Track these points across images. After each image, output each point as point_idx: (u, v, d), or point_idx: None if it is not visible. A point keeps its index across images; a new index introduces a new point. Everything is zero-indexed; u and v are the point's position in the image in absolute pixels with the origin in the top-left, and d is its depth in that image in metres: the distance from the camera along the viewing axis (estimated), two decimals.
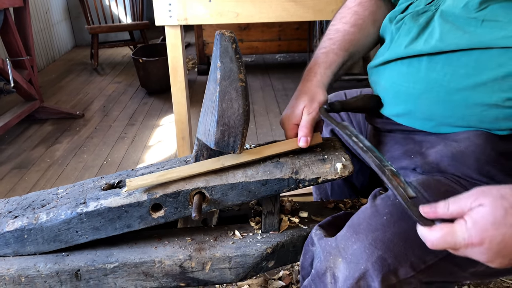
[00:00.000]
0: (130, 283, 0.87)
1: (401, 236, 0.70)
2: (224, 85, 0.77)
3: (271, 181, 0.84)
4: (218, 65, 0.77)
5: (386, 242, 0.70)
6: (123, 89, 4.12)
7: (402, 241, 0.69)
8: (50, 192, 0.93)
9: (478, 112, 0.74)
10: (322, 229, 0.82)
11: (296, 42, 4.38)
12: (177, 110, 1.68)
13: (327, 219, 0.87)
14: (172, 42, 1.56)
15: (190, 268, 0.87)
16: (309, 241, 0.85)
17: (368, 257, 0.69)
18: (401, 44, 0.84)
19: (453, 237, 0.57)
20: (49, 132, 3.17)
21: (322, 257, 0.75)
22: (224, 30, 0.77)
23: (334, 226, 0.86)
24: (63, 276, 0.85)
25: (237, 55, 0.77)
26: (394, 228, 0.71)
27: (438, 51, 0.76)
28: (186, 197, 0.83)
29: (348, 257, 0.71)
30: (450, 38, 0.75)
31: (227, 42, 0.77)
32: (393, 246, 0.69)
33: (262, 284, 1.63)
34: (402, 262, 0.68)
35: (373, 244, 0.70)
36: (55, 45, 5.22)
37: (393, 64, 0.86)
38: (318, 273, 0.76)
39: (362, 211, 0.77)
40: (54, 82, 4.36)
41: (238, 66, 0.77)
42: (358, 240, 0.71)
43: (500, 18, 0.70)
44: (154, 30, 5.65)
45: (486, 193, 0.57)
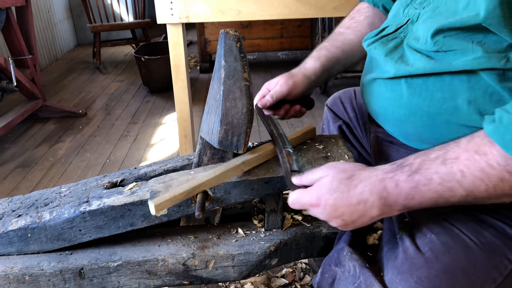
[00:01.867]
0: (133, 281, 0.87)
1: (447, 272, 0.66)
2: (228, 84, 0.77)
3: (274, 179, 0.84)
4: (222, 64, 0.77)
5: (432, 279, 0.66)
6: (125, 88, 4.12)
7: (448, 277, 0.66)
8: (53, 191, 0.93)
9: (464, 133, 0.75)
10: (355, 251, 0.79)
11: (298, 40, 4.37)
12: (179, 108, 1.68)
13: (349, 235, 0.84)
14: (174, 40, 1.56)
15: (193, 266, 0.87)
16: (332, 261, 0.82)
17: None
18: (376, 67, 0.88)
19: (303, 198, 0.72)
20: (52, 130, 3.17)
21: (363, 285, 0.72)
22: (228, 29, 0.77)
23: (357, 241, 0.84)
24: (67, 275, 0.85)
25: (241, 54, 0.77)
26: (438, 264, 0.67)
27: (409, 75, 0.79)
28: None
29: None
30: (419, 63, 0.77)
31: (231, 41, 0.77)
32: (439, 282, 0.65)
33: (265, 282, 1.63)
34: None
35: (418, 282, 0.66)
36: (58, 44, 5.23)
37: (376, 84, 0.88)
38: None
39: (402, 250, 0.74)
40: (57, 81, 4.36)
41: (243, 65, 0.77)
42: (402, 280, 0.68)
43: (454, 47, 0.73)
44: (156, 29, 5.66)
45: (333, 166, 0.72)
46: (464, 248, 0.68)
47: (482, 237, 0.69)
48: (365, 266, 0.74)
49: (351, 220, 0.69)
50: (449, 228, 0.72)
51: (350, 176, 0.69)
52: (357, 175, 0.69)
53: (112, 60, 5.14)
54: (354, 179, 0.69)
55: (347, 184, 0.69)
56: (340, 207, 0.68)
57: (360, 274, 0.74)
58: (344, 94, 1.19)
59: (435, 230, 0.72)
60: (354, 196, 0.68)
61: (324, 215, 0.70)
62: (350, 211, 0.68)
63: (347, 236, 0.84)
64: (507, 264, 0.67)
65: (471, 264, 0.67)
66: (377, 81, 0.88)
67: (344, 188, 0.68)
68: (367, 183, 0.67)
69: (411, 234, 0.75)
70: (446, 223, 0.73)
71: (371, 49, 0.91)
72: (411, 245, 0.72)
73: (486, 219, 0.72)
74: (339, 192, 0.68)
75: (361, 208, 0.67)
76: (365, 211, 0.67)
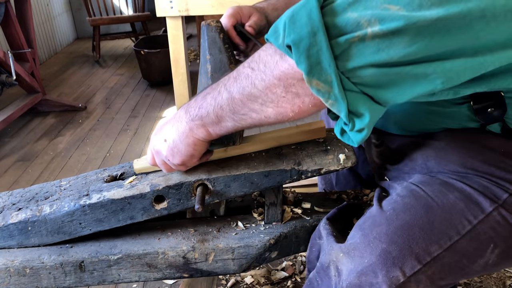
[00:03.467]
0: (133, 274, 0.88)
1: (404, 228, 0.70)
2: (216, 78, 0.76)
3: (273, 172, 0.84)
4: (208, 58, 0.76)
5: (390, 235, 0.69)
6: (125, 81, 4.11)
7: (405, 233, 0.69)
8: (53, 184, 0.93)
9: (445, 123, 0.79)
10: (330, 223, 0.83)
11: None
12: (179, 102, 1.68)
13: (333, 212, 0.88)
14: (174, 33, 1.55)
15: (193, 259, 0.87)
16: (316, 234, 0.85)
17: (372, 251, 0.69)
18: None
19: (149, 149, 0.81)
20: (52, 124, 3.17)
21: (326, 250, 0.76)
22: (209, 20, 0.76)
23: (341, 219, 0.87)
24: (67, 268, 0.85)
25: (226, 45, 0.76)
26: (397, 221, 0.71)
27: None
28: (189, 189, 0.83)
29: (351, 252, 0.71)
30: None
31: (214, 32, 0.75)
32: (397, 238, 0.69)
33: (265, 275, 1.64)
34: (406, 255, 0.68)
35: (377, 237, 0.70)
36: (57, 38, 5.21)
37: None
38: (322, 266, 0.76)
39: (368, 211, 0.78)
40: (56, 74, 4.36)
41: (228, 57, 0.76)
42: (362, 235, 0.72)
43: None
44: (155, 22, 5.63)
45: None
46: (426, 207, 0.72)
47: (446, 199, 0.73)
48: (332, 234, 0.79)
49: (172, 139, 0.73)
50: (416, 191, 0.76)
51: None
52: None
53: (111, 53, 5.13)
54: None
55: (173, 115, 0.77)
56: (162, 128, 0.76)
57: (326, 241, 0.78)
58: None
59: (402, 193, 0.76)
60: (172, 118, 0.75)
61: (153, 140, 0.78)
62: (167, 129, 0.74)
63: (332, 212, 0.88)
64: (466, 224, 0.71)
65: (430, 222, 0.70)
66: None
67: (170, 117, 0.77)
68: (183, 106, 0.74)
69: (380, 200, 0.79)
70: (415, 186, 0.77)
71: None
72: (376, 206, 0.77)
73: (455, 184, 0.75)
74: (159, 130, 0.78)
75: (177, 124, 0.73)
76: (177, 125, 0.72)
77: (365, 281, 0.68)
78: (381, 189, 0.87)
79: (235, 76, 0.62)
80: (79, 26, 5.85)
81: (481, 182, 0.74)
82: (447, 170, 0.78)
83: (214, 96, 0.66)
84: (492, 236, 0.72)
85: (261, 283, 1.60)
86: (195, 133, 0.71)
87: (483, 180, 0.74)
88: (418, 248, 0.69)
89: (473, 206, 0.72)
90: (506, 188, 0.73)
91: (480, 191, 0.73)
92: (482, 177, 0.75)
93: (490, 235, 0.72)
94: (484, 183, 0.74)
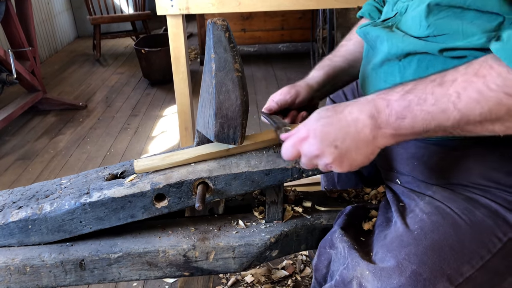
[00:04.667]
0: (134, 272, 0.88)
1: (434, 248, 0.67)
2: (220, 76, 0.76)
3: (274, 171, 0.83)
4: (212, 56, 0.76)
5: (420, 256, 0.66)
6: (125, 80, 4.11)
7: (436, 253, 0.67)
8: (53, 183, 0.93)
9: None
10: (346, 233, 0.79)
11: (299, 32, 4.34)
12: (180, 101, 1.67)
13: (343, 219, 0.85)
14: (174, 31, 1.55)
15: (194, 258, 0.87)
16: (327, 243, 0.83)
17: (401, 272, 0.65)
18: (376, 54, 0.88)
19: (292, 138, 0.72)
20: (52, 123, 3.17)
21: (350, 265, 0.72)
22: (216, 19, 0.75)
23: (351, 226, 0.84)
24: (68, 266, 0.85)
25: (231, 44, 0.76)
26: (426, 241, 0.68)
27: (406, 53, 0.78)
28: (190, 187, 0.82)
29: (378, 272, 0.68)
30: (413, 44, 0.77)
31: (219, 31, 0.75)
32: (427, 259, 0.66)
33: (265, 273, 1.64)
34: (438, 277, 0.65)
35: (406, 258, 0.67)
36: (57, 36, 5.21)
37: (384, 67, 0.87)
38: (343, 280, 0.72)
39: (393, 228, 0.75)
40: (57, 73, 4.36)
41: (233, 56, 0.76)
42: (392, 257, 0.68)
43: (446, 30, 0.72)
44: (156, 21, 5.62)
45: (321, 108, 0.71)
46: (454, 226, 0.69)
47: (473, 216, 0.70)
48: (353, 247, 0.75)
49: (345, 147, 0.66)
50: (441, 208, 0.73)
51: (336, 106, 0.69)
52: (343, 104, 0.68)
53: (112, 52, 5.13)
54: (340, 106, 0.68)
55: (334, 110, 0.68)
56: (330, 132, 0.66)
57: (348, 255, 0.75)
58: (335, 98, 1.19)
59: (427, 210, 0.74)
60: (343, 118, 0.66)
61: (316, 146, 0.68)
62: (341, 134, 0.66)
63: (341, 220, 0.85)
64: (496, 242, 0.69)
65: (459, 241, 0.68)
66: (386, 64, 0.86)
67: (331, 113, 0.68)
68: (355, 104, 0.66)
69: (403, 216, 0.76)
70: (439, 203, 0.74)
71: (366, 31, 0.91)
72: (402, 225, 0.73)
73: (479, 200, 0.73)
74: (326, 118, 0.68)
75: (353, 130, 0.65)
76: (357, 132, 0.65)
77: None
78: (394, 195, 0.84)
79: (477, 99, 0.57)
80: (80, 25, 5.85)
81: (504, 197, 0.72)
82: (467, 182, 0.76)
83: (429, 111, 0.60)
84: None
85: (261, 282, 1.60)
86: (379, 141, 0.65)
87: (505, 194, 0.73)
88: (450, 269, 0.66)
89: (501, 222, 0.70)
90: None
91: (506, 207, 0.71)
92: (504, 191, 0.73)
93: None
94: (508, 198, 0.72)
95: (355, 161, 0.67)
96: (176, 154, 0.86)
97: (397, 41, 0.81)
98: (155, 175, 0.84)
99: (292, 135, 0.73)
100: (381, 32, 0.86)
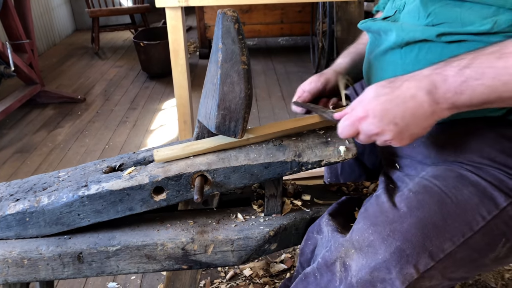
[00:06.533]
0: (132, 265, 0.87)
1: (418, 226, 0.70)
2: (226, 67, 0.76)
3: (273, 164, 0.83)
4: (220, 47, 0.75)
5: (404, 233, 0.69)
6: (124, 73, 4.09)
7: (419, 231, 0.69)
8: (51, 175, 0.93)
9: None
10: (333, 219, 0.82)
11: (299, 25, 4.32)
12: (179, 94, 1.67)
13: (334, 206, 0.87)
14: (173, 24, 1.54)
15: (192, 251, 0.87)
16: (315, 228, 0.85)
17: (386, 248, 0.69)
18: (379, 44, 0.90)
19: (349, 118, 0.72)
20: (51, 116, 3.16)
21: (333, 247, 0.75)
22: (226, 9, 0.75)
23: (341, 213, 0.86)
24: (66, 259, 0.85)
25: (239, 36, 0.75)
26: (411, 218, 0.71)
27: (407, 41, 0.81)
28: (188, 180, 0.82)
29: (364, 248, 0.71)
30: (412, 31, 0.79)
31: (229, 22, 0.75)
32: (411, 236, 0.69)
33: (264, 267, 1.64)
34: (420, 253, 0.68)
35: (391, 235, 0.69)
36: (56, 29, 5.17)
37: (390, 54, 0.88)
38: (326, 262, 0.75)
39: (378, 204, 0.76)
40: (55, 66, 4.33)
41: (241, 48, 0.75)
42: (375, 231, 0.71)
43: (444, 19, 0.75)
44: (155, 14, 5.59)
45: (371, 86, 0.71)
46: (439, 204, 0.71)
47: (460, 195, 0.72)
48: (337, 230, 0.78)
49: (405, 123, 0.66)
50: (429, 186, 0.75)
51: (392, 81, 0.69)
52: (399, 79, 0.68)
53: (111, 45, 5.10)
54: (396, 81, 0.68)
55: (391, 87, 0.68)
56: (390, 109, 0.67)
57: (331, 238, 0.77)
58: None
59: (415, 189, 0.76)
60: (401, 95, 0.66)
61: (376, 124, 0.68)
62: (401, 111, 0.66)
63: (332, 207, 0.87)
64: (480, 220, 0.71)
65: (443, 219, 0.70)
66: (388, 53, 0.87)
67: (389, 90, 0.67)
68: (412, 80, 0.66)
69: (390, 194, 0.78)
70: (428, 182, 0.76)
71: (368, 25, 0.93)
72: (388, 201, 0.75)
73: (470, 177, 0.74)
74: (385, 95, 0.68)
75: (411, 106, 0.65)
76: (416, 108, 0.65)
77: (377, 276, 0.68)
78: (387, 178, 0.86)
79: None
80: (78, 18, 5.82)
81: (496, 175, 0.73)
82: (462, 159, 0.77)
83: (488, 85, 0.61)
84: (504, 230, 0.71)
85: (260, 275, 1.60)
86: (438, 115, 0.66)
87: (498, 172, 0.74)
88: (432, 245, 0.69)
89: (488, 201, 0.71)
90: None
91: (495, 185, 0.72)
92: (497, 169, 0.74)
93: (503, 229, 0.71)
94: (499, 176, 0.73)
95: (414, 135, 0.69)
96: (196, 144, 0.85)
97: (398, 30, 0.82)
98: (153, 168, 0.83)
99: (349, 114, 0.73)
100: (383, 24, 0.88)
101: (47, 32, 4.92)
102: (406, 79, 0.67)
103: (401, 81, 0.67)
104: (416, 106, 0.65)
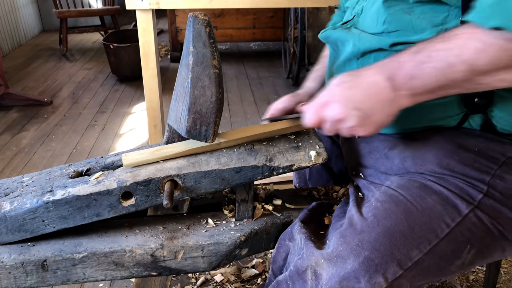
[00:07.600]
0: (99, 273, 0.85)
1: (386, 235, 0.71)
2: (197, 71, 0.75)
3: (245, 169, 0.83)
4: (191, 50, 0.75)
5: (372, 242, 0.70)
6: (93, 76, 4.01)
7: (387, 239, 0.70)
8: (14, 180, 0.89)
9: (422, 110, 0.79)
10: (305, 226, 0.82)
11: (271, 31, 4.36)
12: (149, 97, 1.64)
13: (305, 213, 0.87)
14: (144, 26, 1.52)
15: (162, 257, 0.85)
16: (287, 235, 0.85)
17: (355, 258, 0.69)
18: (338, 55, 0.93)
19: (314, 105, 0.74)
20: (15, 119, 3.06)
21: (305, 255, 0.75)
22: (197, 13, 0.74)
23: (313, 220, 0.86)
24: (29, 267, 0.82)
25: (210, 40, 0.75)
26: (379, 228, 0.72)
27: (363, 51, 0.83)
28: (158, 185, 0.81)
29: (333, 259, 0.71)
30: (368, 42, 0.82)
31: (200, 25, 0.74)
32: (379, 245, 0.70)
33: (235, 272, 1.63)
34: (389, 261, 0.69)
35: (359, 245, 0.70)
36: (21, 29, 5.02)
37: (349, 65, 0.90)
38: (298, 270, 0.75)
39: (348, 217, 0.78)
40: (20, 67, 4.20)
41: (212, 52, 0.75)
42: (344, 242, 0.72)
43: (398, 27, 0.78)
44: (125, 16, 5.52)
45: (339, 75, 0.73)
46: (405, 213, 0.73)
47: (425, 203, 0.74)
48: (310, 239, 0.78)
49: (369, 108, 0.68)
50: (395, 196, 0.76)
51: (354, 71, 0.72)
52: (360, 69, 0.72)
53: (79, 47, 4.99)
54: (358, 71, 0.72)
55: (353, 75, 0.71)
56: (352, 95, 0.69)
57: (304, 246, 0.77)
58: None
59: (381, 199, 0.77)
60: (363, 81, 0.69)
61: (340, 109, 0.70)
62: (364, 96, 0.68)
63: (303, 214, 0.87)
64: (444, 228, 0.72)
65: (410, 227, 0.72)
66: (347, 64, 0.89)
67: (351, 78, 0.70)
68: (372, 67, 0.70)
69: (359, 205, 0.79)
70: (393, 191, 0.78)
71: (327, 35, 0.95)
72: (356, 213, 0.77)
73: (433, 186, 0.76)
74: (347, 81, 0.70)
75: (374, 91, 0.68)
76: (378, 94, 0.67)
77: (346, 286, 0.69)
78: (356, 188, 0.88)
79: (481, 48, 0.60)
80: (45, 18, 5.67)
81: (457, 184, 0.75)
82: (423, 170, 0.79)
83: (437, 67, 0.63)
84: (468, 237, 0.73)
85: (231, 280, 1.59)
86: (399, 102, 0.68)
87: (458, 181, 0.76)
88: (400, 254, 0.70)
89: (451, 209, 0.73)
90: (480, 188, 0.74)
91: (456, 194, 0.74)
92: (457, 178, 0.76)
93: (467, 236, 0.73)
94: (460, 184, 0.75)
95: (378, 122, 0.70)
96: (166, 148, 0.84)
97: (354, 40, 0.85)
98: (122, 173, 0.82)
99: (313, 102, 0.75)
100: (341, 34, 0.90)
101: (12, 33, 4.77)
102: (368, 68, 0.70)
103: (362, 70, 0.71)
104: (377, 92, 0.68)
